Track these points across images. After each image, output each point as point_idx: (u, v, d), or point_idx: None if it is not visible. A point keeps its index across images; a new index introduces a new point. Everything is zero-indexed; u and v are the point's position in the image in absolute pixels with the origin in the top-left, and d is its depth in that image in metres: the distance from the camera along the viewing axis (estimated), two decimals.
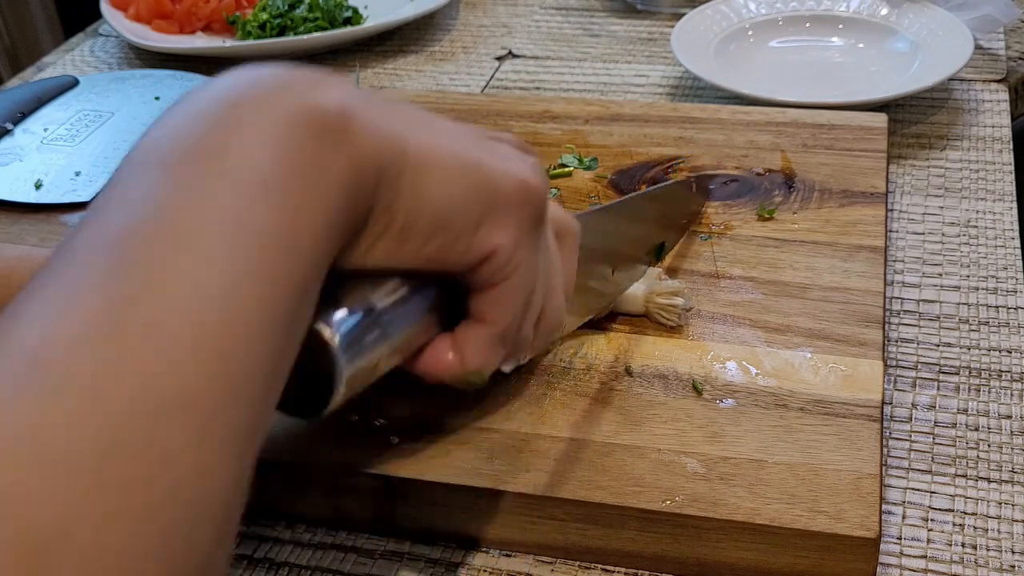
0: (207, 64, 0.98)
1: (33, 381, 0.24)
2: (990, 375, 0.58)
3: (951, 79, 0.84)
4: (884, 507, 0.50)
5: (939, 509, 0.51)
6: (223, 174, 0.29)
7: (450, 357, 0.39)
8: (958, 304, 0.63)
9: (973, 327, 0.61)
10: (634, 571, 0.49)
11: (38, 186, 0.77)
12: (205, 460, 0.26)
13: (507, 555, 0.50)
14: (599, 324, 0.58)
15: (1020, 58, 0.93)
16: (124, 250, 0.27)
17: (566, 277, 0.44)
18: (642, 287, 0.58)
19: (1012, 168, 0.76)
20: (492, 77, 0.95)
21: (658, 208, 0.63)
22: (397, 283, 0.37)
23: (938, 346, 0.60)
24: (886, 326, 0.59)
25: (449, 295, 0.39)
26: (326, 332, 0.35)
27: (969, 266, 0.66)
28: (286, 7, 1.02)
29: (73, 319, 0.25)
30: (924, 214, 0.72)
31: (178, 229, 0.28)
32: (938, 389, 0.57)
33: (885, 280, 0.60)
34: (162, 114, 0.32)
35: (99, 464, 0.24)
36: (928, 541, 0.49)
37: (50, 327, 0.25)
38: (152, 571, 0.24)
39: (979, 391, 0.57)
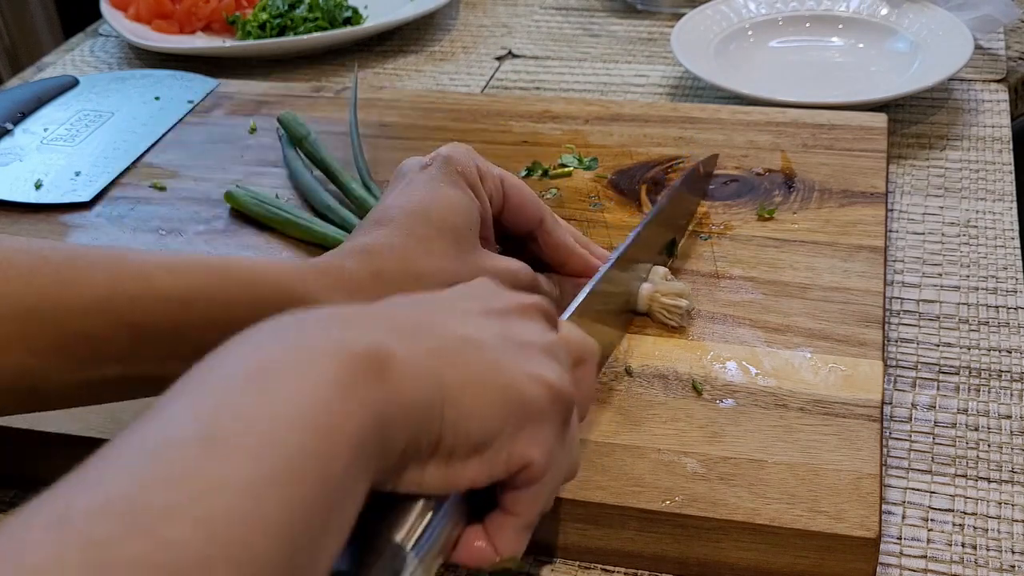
0: (207, 64, 0.98)
1: (50, 536, 0.26)
2: (990, 375, 0.58)
3: (951, 79, 0.84)
4: (884, 507, 0.50)
5: (939, 509, 0.51)
6: (266, 397, 0.31)
7: (484, 548, 0.40)
8: (958, 304, 0.63)
9: (973, 327, 0.61)
10: (634, 571, 0.49)
11: (38, 186, 0.77)
12: None
13: None
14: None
15: (1020, 58, 0.93)
16: (161, 448, 0.29)
17: (584, 403, 0.45)
18: (648, 286, 0.58)
19: (1012, 168, 0.76)
20: (492, 77, 0.95)
21: (667, 213, 0.63)
22: (421, 508, 0.38)
23: (938, 346, 0.60)
24: (886, 326, 0.59)
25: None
26: None
27: (969, 266, 0.66)
28: (286, 7, 1.02)
29: (99, 494, 0.27)
30: (924, 214, 0.72)
31: (214, 437, 0.30)
32: (938, 389, 0.57)
33: (885, 280, 0.60)
34: (217, 351, 0.34)
35: None
36: (928, 541, 0.49)
37: (80, 497, 0.28)
38: None
39: (979, 391, 0.57)
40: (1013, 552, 0.48)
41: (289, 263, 0.51)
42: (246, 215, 0.71)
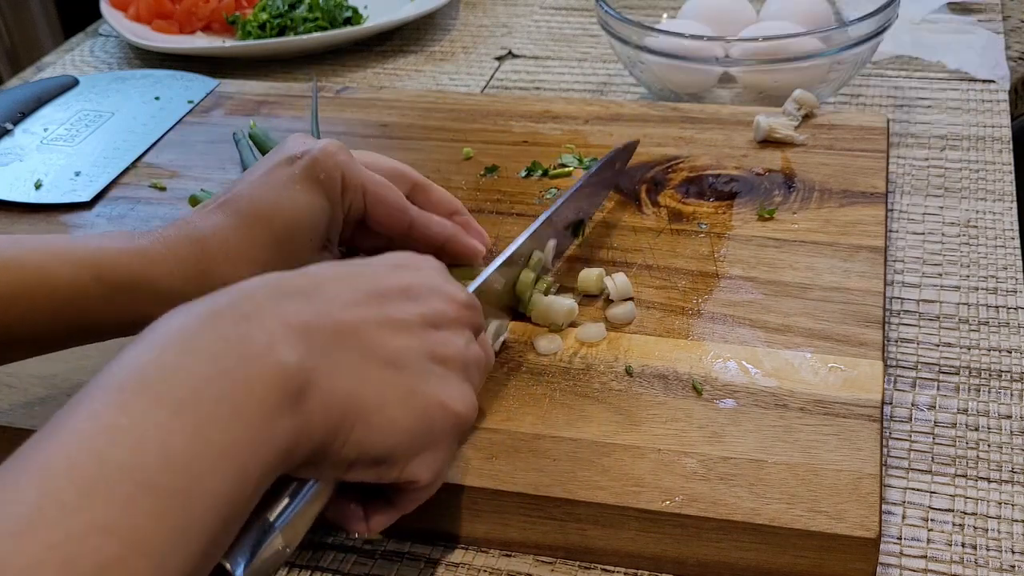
0: (207, 64, 0.98)
1: None
2: (990, 375, 0.58)
3: (951, 79, 0.84)
4: (884, 507, 0.50)
5: (939, 509, 0.51)
6: (177, 411, 0.33)
7: (359, 520, 0.44)
8: (958, 304, 0.63)
9: (973, 327, 0.61)
10: (634, 571, 0.49)
11: (38, 186, 0.77)
12: None
13: (507, 555, 0.50)
14: None
15: (1020, 58, 0.93)
16: (60, 471, 0.30)
17: (485, 369, 0.48)
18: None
19: (1012, 168, 0.76)
20: (492, 77, 0.95)
21: (575, 203, 0.64)
22: (293, 487, 0.41)
23: (938, 346, 0.60)
24: (886, 326, 0.59)
25: None
26: (226, 565, 0.38)
27: (969, 266, 0.66)
28: (286, 7, 1.02)
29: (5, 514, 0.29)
30: (924, 214, 0.72)
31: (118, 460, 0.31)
32: (938, 389, 0.57)
33: (885, 280, 0.60)
34: (129, 346, 0.35)
35: None
36: (928, 541, 0.49)
37: None
38: None
39: (979, 391, 0.57)
40: (1013, 552, 0.48)
41: (116, 245, 0.51)
42: None
